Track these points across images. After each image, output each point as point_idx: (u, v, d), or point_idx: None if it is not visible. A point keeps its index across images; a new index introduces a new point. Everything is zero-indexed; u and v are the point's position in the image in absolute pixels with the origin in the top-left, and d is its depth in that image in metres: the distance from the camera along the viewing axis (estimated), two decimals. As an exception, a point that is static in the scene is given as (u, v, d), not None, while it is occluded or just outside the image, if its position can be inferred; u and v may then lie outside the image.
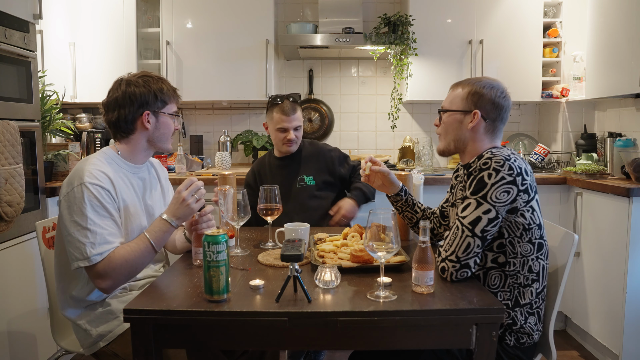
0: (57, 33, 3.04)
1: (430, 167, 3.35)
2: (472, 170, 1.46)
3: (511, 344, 1.45)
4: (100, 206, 1.50)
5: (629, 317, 2.40)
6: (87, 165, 1.55)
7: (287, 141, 2.25)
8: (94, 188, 1.49)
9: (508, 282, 1.46)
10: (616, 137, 2.87)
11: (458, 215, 1.43)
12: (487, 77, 1.58)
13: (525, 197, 1.41)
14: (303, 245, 1.34)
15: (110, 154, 1.64)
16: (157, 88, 1.64)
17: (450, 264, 1.39)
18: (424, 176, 2.55)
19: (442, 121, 1.58)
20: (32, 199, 2.40)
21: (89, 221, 1.47)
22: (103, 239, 1.47)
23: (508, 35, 3.23)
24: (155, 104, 1.64)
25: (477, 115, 1.50)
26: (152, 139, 1.67)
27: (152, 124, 1.64)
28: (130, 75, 1.66)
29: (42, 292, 2.38)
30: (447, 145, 1.58)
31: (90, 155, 1.64)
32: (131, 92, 1.61)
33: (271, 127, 2.28)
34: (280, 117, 2.22)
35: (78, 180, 1.50)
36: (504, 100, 1.52)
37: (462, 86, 1.54)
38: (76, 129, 3.26)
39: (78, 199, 1.48)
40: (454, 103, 1.55)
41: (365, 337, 1.23)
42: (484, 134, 1.53)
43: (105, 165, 1.59)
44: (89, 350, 1.60)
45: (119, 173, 1.62)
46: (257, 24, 3.25)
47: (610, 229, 2.52)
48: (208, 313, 1.19)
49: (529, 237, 1.44)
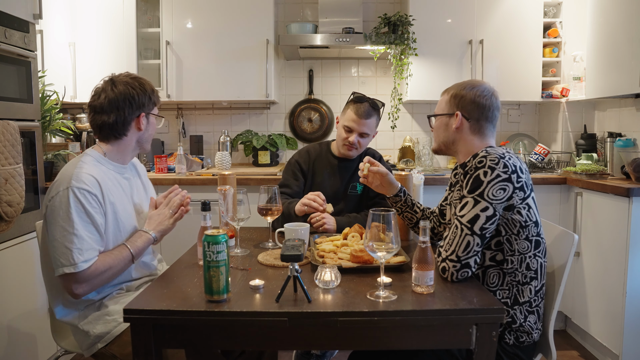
0: (57, 33, 3.04)
1: (430, 167, 3.35)
2: (468, 169, 1.48)
3: (510, 343, 1.45)
4: (84, 212, 1.47)
5: (629, 317, 2.40)
6: (74, 168, 1.52)
7: (348, 143, 2.10)
8: (80, 193, 1.47)
9: (506, 280, 1.47)
10: (616, 137, 2.87)
11: (456, 215, 1.44)
12: (474, 80, 1.64)
13: (521, 194, 1.42)
14: (303, 245, 1.34)
15: (96, 156, 1.62)
16: (150, 90, 1.67)
17: (450, 263, 1.39)
18: (424, 176, 2.54)
19: (432, 126, 1.66)
20: (32, 199, 2.40)
21: (75, 226, 1.44)
22: (89, 245, 1.47)
23: (508, 35, 3.23)
24: (149, 106, 1.67)
25: (458, 115, 1.54)
26: (141, 140, 1.69)
27: (144, 125, 1.66)
28: (119, 76, 1.65)
29: (42, 292, 2.38)
30: (439, 146, 1.65)
31: (77, 157, 1.61)
32: (129, 95, 1.60)
33: (341, 121, 2.14)
34: (351, 116, 2.07)
35: (65, 184, 1.48)
36: (485, 99, 1.54)
37: (448, 91, 1.61)
38: (76, 129, 3.26)
39: (64, 203, 1.45)
40: (439, 107, 1.63)
41: (365, 337, 1.23)
42: (471, 134, 1.56)
43: (94, 167, 1.56)
44: (88, 352, 1.60)
45: (107, 175, 1.60)
46: (257, 24, 3.25)
47: (610, 229, 2.52)
48: (208, 313, 1.19)
49: (525, 235, 1.45)
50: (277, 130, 3.69)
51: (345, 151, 2.14)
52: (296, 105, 3.67)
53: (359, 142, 2.11)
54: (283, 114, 3.71)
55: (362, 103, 2.07)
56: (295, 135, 3.68)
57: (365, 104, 2.07)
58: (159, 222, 1.65)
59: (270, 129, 3.70)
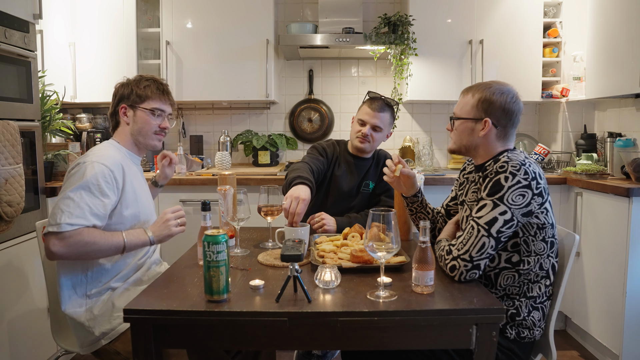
0: (57, 33, 3.04)
1: (430, 167, 3.35)
2: (487, 173, 1.47)
3: (511, 338, 1.46)
4: (97, 186, 1.54)
5: (629, 317, 2.40)
6: (99, 150, 1.64)
7: (361, 135, 2.16)
8: (98, 167, 1.55)
9: (520, 279, 1.48)
10: (616, 137, 2.87)
11: (473, 216, 1.43)
12: (497, 81, 1.57)
13: (539, 200, 1.42)
14: (303, 245, 1.34)
15: (115, 145, 1.75)
16: (137, 83, 1.73)
17: (462, 262, 1.39)
18: (424, 176, 2.54)
19: (454, 127, 1.59)
20: (32, 199, 2.39)
21: (77, 194, 1.51)
22: (82, 213, 1.50)
23: (508, 35, 3.23)
24: (131, 98, 1.72)
25: (487, 123, 1.51)
26: (133, 133, 1.75)
27: (130, 118, 1.73)
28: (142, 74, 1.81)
29: (42, 292, 2.38)
30: (459, 148, 1.61)
31: (99, 144, 1.74)
32: (116, 90, 1.75)
33: (355, 118, 2.24)
34: (365, 109, 2.18)
35: (88, 159, 1.58)
36: (514, 105, 1.53)
37: (473, 92, 1.54)
38: (76, 129, 3.26)
39: (79, 173, 1.54)
40: (464, 110, 1.55)
41: (365, 337, 1.23)
42: (496, 140, 1.54)
43: (117, 152, 1.70)
44: (88, 349, 1.60)
45: (126, 161, 1.71)
46: (257, 24, 3.25)
47: (610, 229, 2.52)
48: (208, 313, 1.19)
49: (542, 236, 1.46)
50: (277, 130, 3.69)
51: (358, 144, 2.19)
52: (296, 105, 3.67)
53: (371, 136, 2.16)
54: (283, 114, 3.71)
55: (377, 99, 2.18)
56: (295, 135, 3.68)
57: (379, 101, 2.17)
58: (159, 225, 1.67)
59: (270, 129, 3.70)
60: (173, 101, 1.82)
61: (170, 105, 1.80)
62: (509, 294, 1.49)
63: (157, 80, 1.77)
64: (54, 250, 1.49)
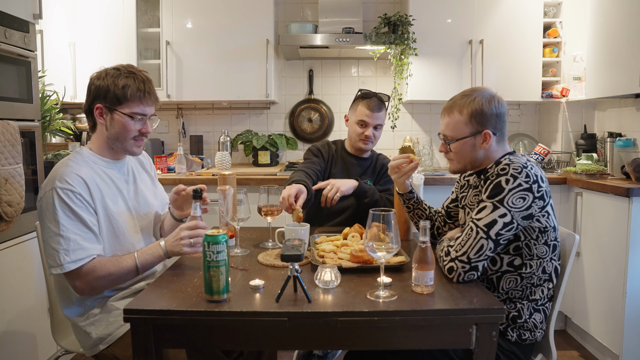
0: (57, 33, 3.04)
1: (430, 167, 3.35)
2: (489, 175, 1.47)
3: (512, 340, 1.46)
4: (71, 212, 1.46)
5: (629, 317, 2.40)
6: (60, 168, 1.51)
7: (365, 137, 2.20)
8: (64, 193, 1.46)
9: (523, 283, 1.47)
10: (616, 137, 2.87)
11: (472, 218, 1.43)
12: (474, 89, 1.55)
13: (540, 203, 1.42)
14: (303, 245, 1.34)
15: (84, 153, 1.60)
16: (115, 83, 1.52)
17: (460, 264, 1.39)
18: (424, 176, 2.54)
19: (451, 150, 1.56)
20: (32, 199, 2.39)
21: (61, 227, 1.44)
22: (77, 244, 1.45)
23: (508, 35, 3.23)
24: (107, 99, 1.53)
25: (488, 134, 1.50)
26: (110, 137, 1.58)
27: (107, 121, 1.56)
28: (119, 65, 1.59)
29: (42, 292, 2.38)
30: (464, 168, 1.58)
31: (66, 157, 1.60)
32: (91, 82, 1.57)
33: (352, 119, 2.24)
34: (364, 111, 2.19)
35: (50, 185, 1.48)
36: (502, 106, 1.53)
37: (459, 109, 1.51)
38: (76, 129, 3.26)
39: (50, 204, 1.46)
40: (457, 130, 1.52)
41: (365, 337, 1.23)
42: (497, 145, 1.54)
43: (80, 166, 1.54)
44: (90, 352, 1.60)
45: (95, 171, 1.57)
46: (257, 24, 3.25)
47: (610, 229, 2.52)
48: (208, 313, 1.19)
49: (544, 239, 1.45)
50: (277, 130, 3.69)
51: (362, 145, 2.23)
52: (296, 105, 3.67)
53: (374, 135, 2.22)
54: (283, 114, 3.71)
55: (371, 98, 2.20)
56: (295, 135, 3.68)
57: (374, 99, 2.20)
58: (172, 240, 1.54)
59: (270, 129, 3.70)
60: (156, 97, 1.61)
61: (153, 105, 1.60)
62: (511, 298, 1.48)
63: (138, 76, 1.56)
64: (78, 288, 1.48)
